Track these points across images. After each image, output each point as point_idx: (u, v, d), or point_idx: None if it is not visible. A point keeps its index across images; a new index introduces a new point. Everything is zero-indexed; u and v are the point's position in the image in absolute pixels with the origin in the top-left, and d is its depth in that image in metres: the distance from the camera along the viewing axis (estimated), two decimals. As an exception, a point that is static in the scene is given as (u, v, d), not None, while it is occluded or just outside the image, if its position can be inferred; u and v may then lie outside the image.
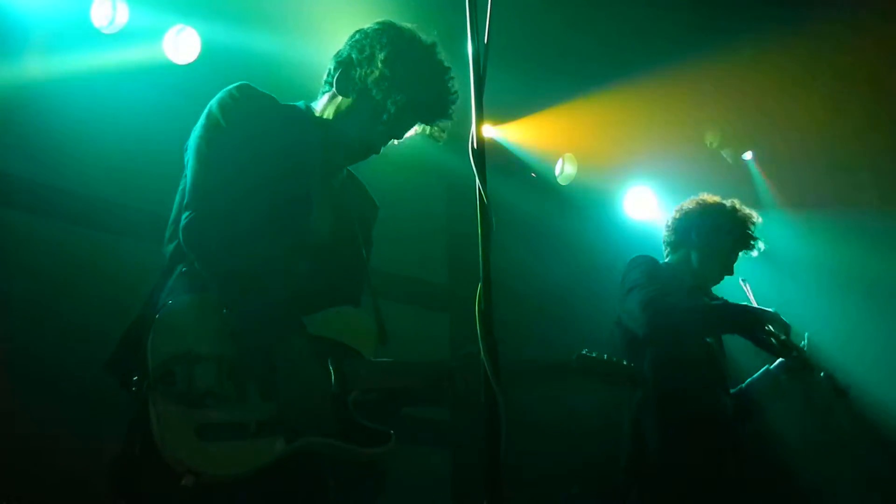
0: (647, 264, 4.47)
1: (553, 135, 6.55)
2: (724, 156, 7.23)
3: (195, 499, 2.40)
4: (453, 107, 2.97)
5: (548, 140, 6.60)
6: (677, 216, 4.74)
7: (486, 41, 2.15)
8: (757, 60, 6.23)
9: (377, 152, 2.99)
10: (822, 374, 4.52)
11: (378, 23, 2.97)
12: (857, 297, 6.67)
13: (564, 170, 6.88)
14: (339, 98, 2.96)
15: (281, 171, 2.78)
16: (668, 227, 4.75)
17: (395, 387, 2.85)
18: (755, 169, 7.33)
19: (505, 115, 6.37)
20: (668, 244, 4.73)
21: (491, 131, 6.32)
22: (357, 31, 2.98)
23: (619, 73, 6.04)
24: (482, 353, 1.97)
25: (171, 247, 2.75)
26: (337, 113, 2.96)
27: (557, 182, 6.86)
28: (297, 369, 2.58)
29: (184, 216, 2.65)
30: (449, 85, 2.95)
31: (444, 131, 3.02)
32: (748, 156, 7.31)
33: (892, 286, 6.61)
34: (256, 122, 2.78)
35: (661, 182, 7.03)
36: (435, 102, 2.95)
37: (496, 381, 1.96)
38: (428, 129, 3.03)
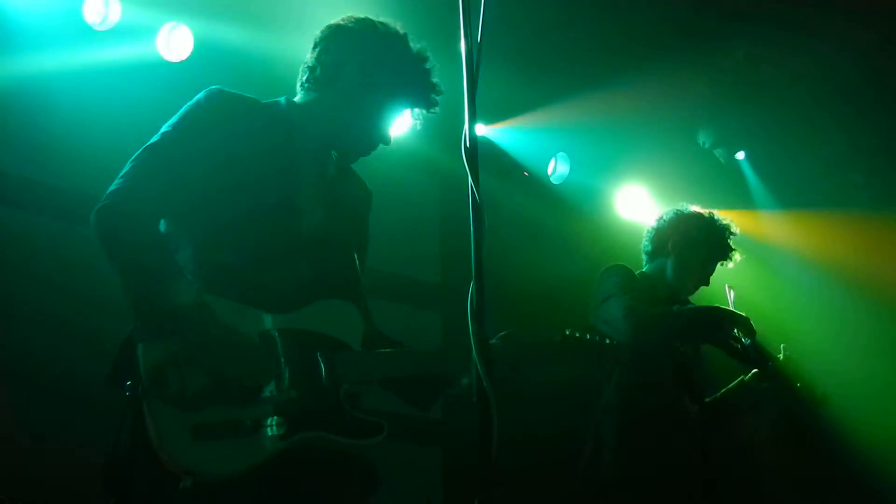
0: (622, 274, 4.49)
1: (546, 134, 6.56)
2: (717, 155, 7.24)
3: (193, 499, 2.40)
4: (440, 91, 3.02)
5: (540, 139, 6.60)
6: (655, 226, 4.76)
7: (479, 40, 2.15)
8: (750, 60, 6.24)
9: (388, 142, 3.03)
10: (798, 384, 4.55)
11: (352, 20, 3.00)
12: (850, 298, 6.69)
13: (557, 168, 6.89)
14: (325, 96, 2.97)
15: (254, 173, 2.78)
16: (646, 236, 4.77)
17: (387, 377, 2.87)
18: (748, 169, 7.35)
19: (498, 113, 6.37)
20: (646, 253, 4.75)
21: (483, 130, 6.32)
22: (333, 30, 3.00)
23: (612, 72, 6.05)
24: (473, 352, 1.98)
25: None
26: (324, 111, 2.97)
27: (550, 181, 6.87)
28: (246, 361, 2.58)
29: (100, 200, 2.63)
30: (430, 69, 3.01)
31: (433, 111, 3.05)
32: (741, 155, 7.32)
33: (885, 287, 6.63)
34: (221, 128, 2.77)
35: (653, 181, 7.04)
36: (421, 90, 3.00)
37: (488, 380, 1.96)
38: (416, 112, 3.07)
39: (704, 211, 4.72)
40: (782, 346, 4.61)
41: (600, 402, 4.48)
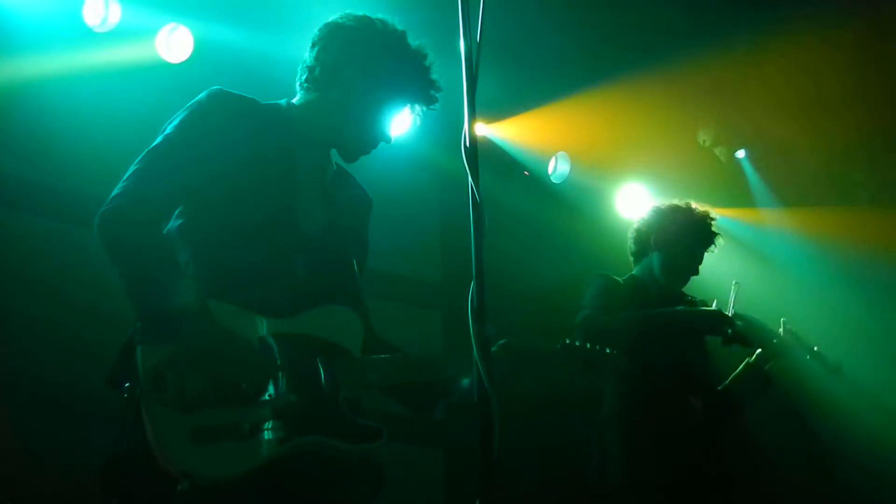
0: (599, 283, 4.51)
1: (546, 133, 6.55)
2: (717, 154, 7.24)
3: (190, 502, 2.39)
4: (440, 87, 3.00)
5: (541, 138, 6.60)
6: (636, 226, 4.78)
7: (478, 40, 2.15)
8: (750, 58, 6.24)
9: (389, 140, 3.01)
10: (807, 356, 4.55)
11: (350, 17, 2.98)
12: (850, 296, 6.69)
13: (557, 168, 6.88)
14: (325, 96, 2.95)
15: (253, 175, 2.77)
16: (629, 238, 4.80)
17: (387, 383, 2.85)
18: (748, 167, 7.35)
19: (498, 113, 6.37)
20: (632, 255, 4.78)
21: (484, 130, 6.32)
22: (331, 28, 2.97)
23: (612, 71, 6.04)
24: (474, 351, 1.97)
25: None
26: (325, 110, 2.95)
27: (550, 180, 6.87)
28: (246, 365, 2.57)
29: (104, 204, 2.62)
30: (430, 66, 2.99)
31: (433, 108, 3.03)
32: (741, 154, 7.32)
33: (886, 284, 6.63)
34: (222, 129, 2.76)
35: (654, 180, 7.04)
36: (421, 87, 2.99)
37: (489, 380, 1.96)
38: (417, 108, 3.04)
39: (681, 202, 4.74)
40: (782, 320, 4.61)
41: (601, 412, 4.49)
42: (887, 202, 6.83)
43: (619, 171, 7.02)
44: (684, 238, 4.62)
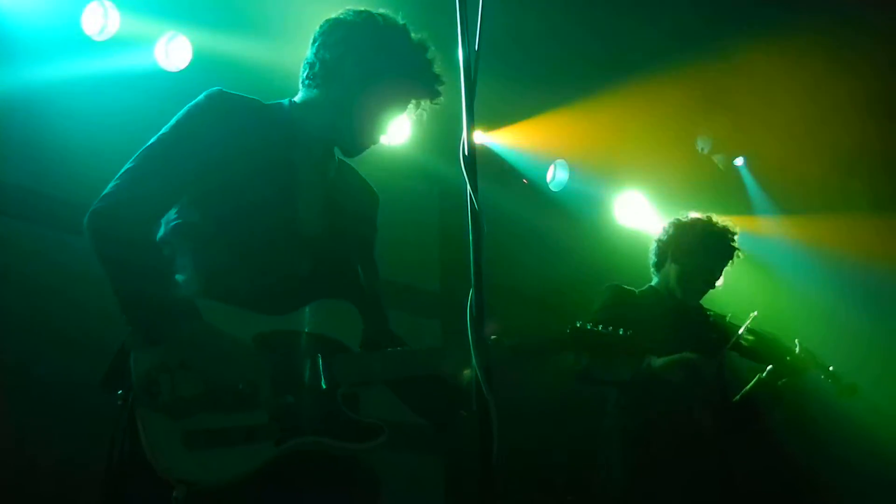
0: (605, 296, 4.52)
1: (544, 141, 6.56)
2: (716, 161, 7.25)
3: None
4: (441, 82, 2.98)
5: (539, 146, 6.61)
6: (657, 237, 4.79)
7: (476, 48, 2.15)
8: (748, 66, 6.25)
9: (384, 134, 3.00)
10: (822, 375, 4.55)
11: (351, 12, 2.96)
12: (850, 302, 6.69)
13: (556, 175, 6.89)
14: (326, 92, 2.93)
15: (250, 174, 2.75)
16: (651, 249, 4.81)
17: (387, 378, 2.83)
18: (747, 174, 7.35)
19: (496, 121, 6.37)
20: (652, 266, 4.79)
21: (482, 137, 6.32)
22: (331, 24, 2.95)
23: (610, 79, 6.05)
24: (473, 359, 1.97)
25: None
26: (326, 107, 2.93)
27: (549, 188, 6.87)
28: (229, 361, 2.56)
29: (95, 202, 2.61)
30: (432, 59, 2.96)
31: (437, 102, 3.01)
32: (739, 161, 7.33)
33: (885, 291, 6.63)
34: (218, 129, 2.74)
35: (652, 188, 7.04)
36: (423, 80, 2.96)
37: (488, 387, 1.96)
38: (420, 105, 3.02)
39: (702, 216, 4.74)
40: (796, 340, 4.61)
41: (602, 424, 4.48)
42: (886, 210, 6.83)
43: (617, 178, 7.03)
44: (702, 251, 4.63)
